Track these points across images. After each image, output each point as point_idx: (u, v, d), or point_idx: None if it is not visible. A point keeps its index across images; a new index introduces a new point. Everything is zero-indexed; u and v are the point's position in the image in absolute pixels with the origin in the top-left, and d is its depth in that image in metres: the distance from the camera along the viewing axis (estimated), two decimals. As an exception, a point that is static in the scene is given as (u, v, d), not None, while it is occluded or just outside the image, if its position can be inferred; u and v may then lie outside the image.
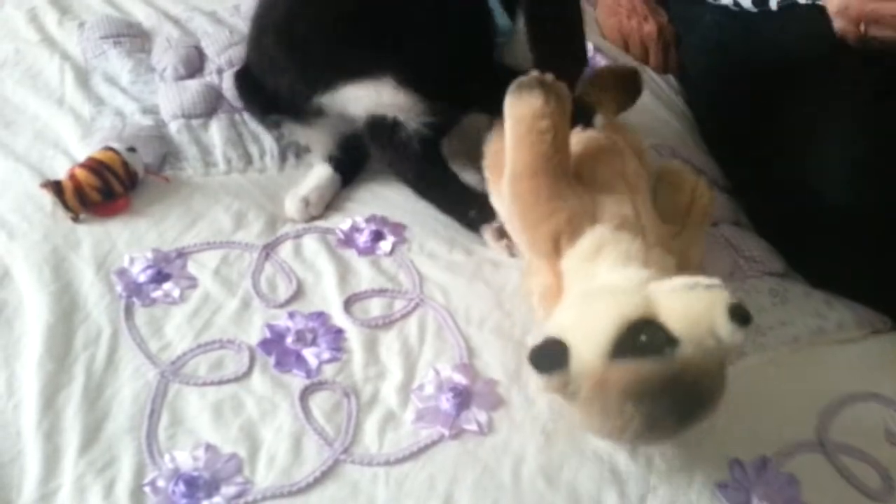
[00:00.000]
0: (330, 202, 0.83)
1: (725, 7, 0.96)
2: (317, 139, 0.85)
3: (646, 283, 0.57)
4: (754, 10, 0.93)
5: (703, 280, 0.54)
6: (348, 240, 0.78)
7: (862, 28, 0.80)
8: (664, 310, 0.53)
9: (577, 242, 0.62)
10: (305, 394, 0.65)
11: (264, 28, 0.84)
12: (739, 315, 0.51)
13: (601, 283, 0.59)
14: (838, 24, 0.82)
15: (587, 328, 0.54)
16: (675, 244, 0.67)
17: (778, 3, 0.91)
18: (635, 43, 1.07)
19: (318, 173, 0.83)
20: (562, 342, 0.55)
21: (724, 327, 0.51)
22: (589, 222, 0.62)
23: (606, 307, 0.54)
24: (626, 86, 0.86)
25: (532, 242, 0.66)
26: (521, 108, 0.64)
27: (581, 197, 0.64)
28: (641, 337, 0.52)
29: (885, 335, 0.76)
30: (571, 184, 0.65)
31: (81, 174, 0.76)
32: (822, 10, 0.84)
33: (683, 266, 0.67)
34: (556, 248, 0.63)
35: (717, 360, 0.54)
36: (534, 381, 0.58)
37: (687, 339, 0.52)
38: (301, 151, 0.87)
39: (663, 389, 0.52)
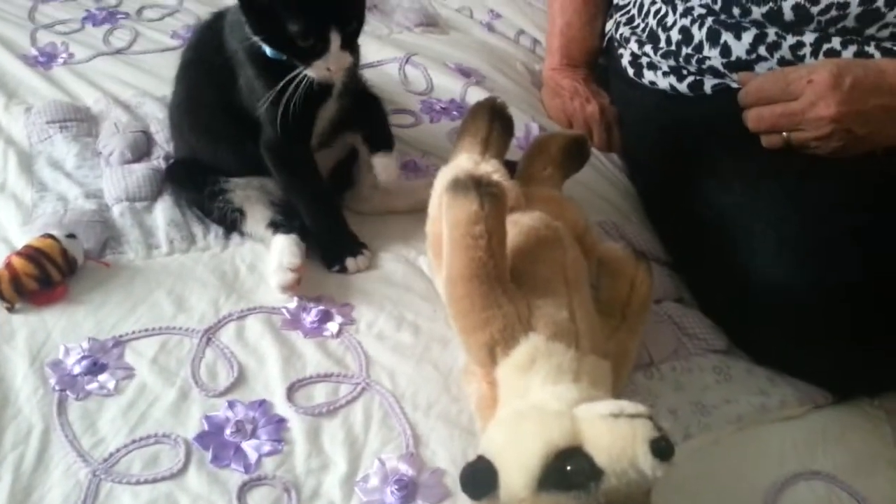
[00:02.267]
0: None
1: (663, 91, 1.00)
2: (255, 200, 0.85)
3: (575, 404, 0.57)
4: (690, 94, 0.98)
5: (628, 407, 0.55)
6: (294, 320, 0.77)
7: (784, 135, 0.84)
8: (590, 437, 0.53)
9: (511, 353, 0.62)
10: (243, 491, 0.63)
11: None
12: (661, 449, 0.51)
13: (532, 401, 0.59)
14: (764, 141, 0.86)
15: (515, 453, 0.54)
16: (612, 343, 0.68)
17: (712, 87, 0.96)
18: (579, 123, 1.11)
19: (277, 243, 0.81)
20: (491, 466, 0.55)
21: (646, 462, 0.51)
22: (523, 331, 0.62)
23: (535, 432, 0.54)
24: (571, 152, 0.87)
25: (468, 348, 0.66)
26: (456, 212, 0.65)
27: (516, 303, 0.64)
28: (567, 467, 0.52)
29: (826, 410, 0.77)
30: (507, 288, 0.65)
31: (18, 262, 0.75)
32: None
33: (621, 359, 0.68)
34: (491, 357, 0.63)
35: (641, 490, 0.54)
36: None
37: (610, 471, 0.52)
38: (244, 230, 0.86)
39: None
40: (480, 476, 0.55)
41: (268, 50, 0.75)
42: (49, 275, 0.75)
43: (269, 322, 0.77)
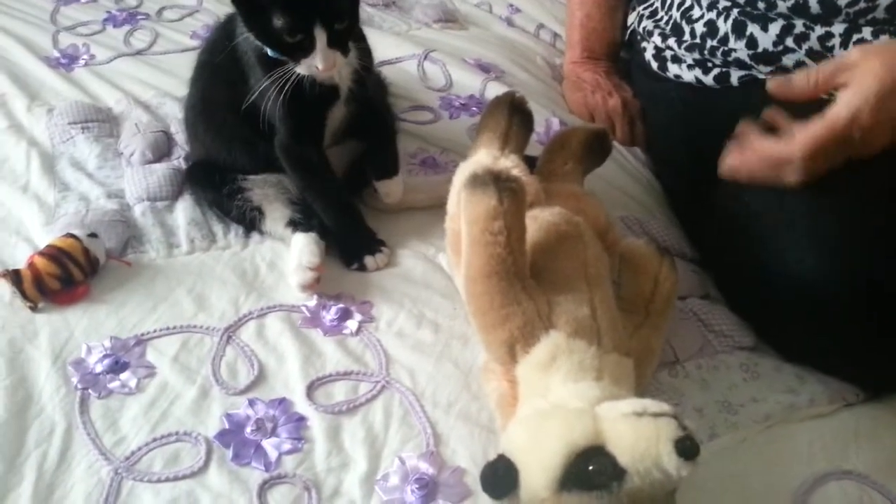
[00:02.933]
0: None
1: (688, 84, 0.98)
2: (274, 198, 0.85)
3: (597, 402, 0.56)
4: (716, 86, 0.95)
5: (651, 406, 0.54)
6: (314, 318, 0.77)
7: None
8: (612, 437, 0.52)
9: (531, 350, 0.61)
10: (264, 489, 0.62)
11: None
12: (686, 449, 0.50)
13: (553, 399, 0.58)
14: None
15: (536, 453, 0.53)
16: (635, 341, 0.67)
17: (738, 78, 0.94)
18: (601, 117, 1.09)
19: (296, 242, 0.81)
20: (512, 465, 0.54)
21: (670, 462, 0.50)
22: (543, 328, 0.61)
23: (556, 431, 0.54)
24: (592, 147, 0.86)
25: (488, 346, 0.65)
26: (475, 208, 0.64)
27: (536, 299, 0.63)
28: (589, 466, 0.51)
29: (857, 408, 0.75)
30: (527, 285, 0.64)
31: (41, 262, 0.75)
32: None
33: (645, 357, 0.67)
34: (511, 355, 0.62)
35: (665, 490, 0.53)
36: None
37: (633, 471, 0.51)
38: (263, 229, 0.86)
39: None
40: (501, 475, 0.54)
41: (269, 50, 0.75)
42: (71, 274, 0.76)
43: (289, 320, 0.77)
